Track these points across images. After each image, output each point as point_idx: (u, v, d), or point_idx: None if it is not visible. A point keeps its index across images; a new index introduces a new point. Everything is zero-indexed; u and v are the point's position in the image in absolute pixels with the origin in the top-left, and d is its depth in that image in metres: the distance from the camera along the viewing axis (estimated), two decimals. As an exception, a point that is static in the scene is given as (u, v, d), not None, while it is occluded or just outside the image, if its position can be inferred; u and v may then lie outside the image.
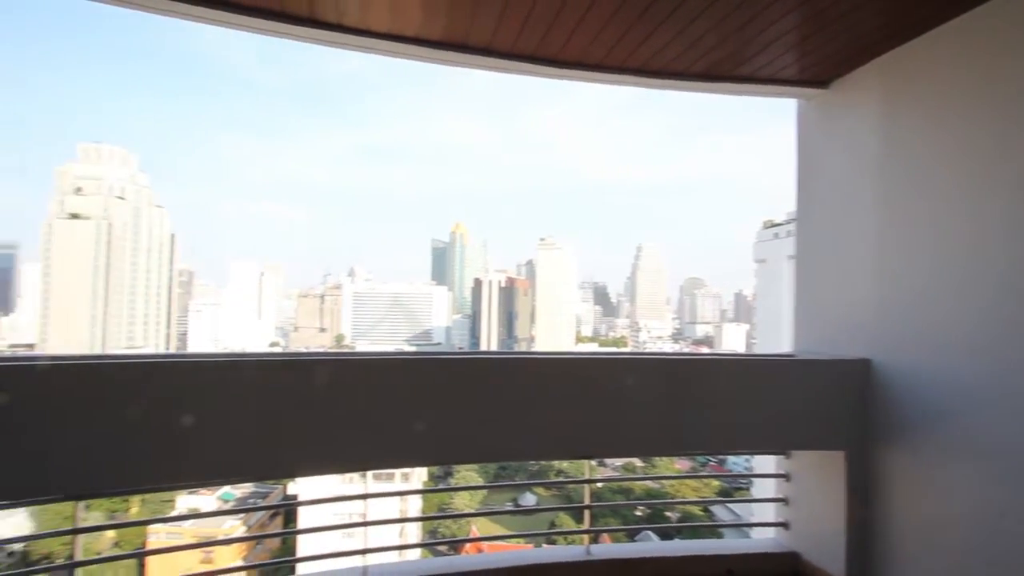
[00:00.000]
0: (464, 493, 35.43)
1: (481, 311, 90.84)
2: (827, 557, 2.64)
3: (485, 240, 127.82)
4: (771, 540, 2.95)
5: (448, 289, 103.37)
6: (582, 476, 2.76)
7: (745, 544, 3.17)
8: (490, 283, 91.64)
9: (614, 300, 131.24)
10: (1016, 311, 1.97)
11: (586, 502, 2.72)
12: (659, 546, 3.02)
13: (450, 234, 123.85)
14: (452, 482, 35.04)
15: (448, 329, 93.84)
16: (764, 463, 3.74)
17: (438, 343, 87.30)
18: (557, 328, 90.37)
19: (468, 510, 32.94)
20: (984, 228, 2.11)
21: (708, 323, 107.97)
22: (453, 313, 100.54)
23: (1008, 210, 2.02)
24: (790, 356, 2.92)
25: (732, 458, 31.77)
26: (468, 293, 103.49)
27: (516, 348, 78.58)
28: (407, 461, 3.13)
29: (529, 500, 38.10)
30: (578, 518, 2.82)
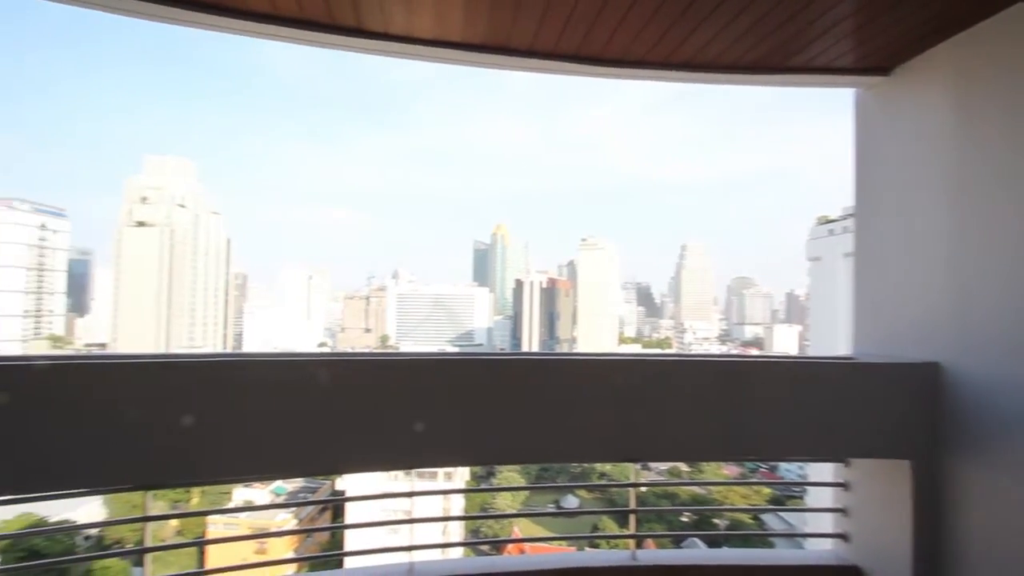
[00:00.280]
0: (506, 494, 35.56)
1: (522, 312, 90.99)
2: (891, 572, 2.49)
3: (526, 241, 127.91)
4: (830, 552, 2.81)
5: (489, 290, 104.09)
6: (626, 480, 2.71)
7: (801, 555, 3.03)
8: (531, 284, 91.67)
9: (658, 301, 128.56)
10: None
11: (631, 506, 2.68)
12: (708, 554, 2.92)
13: (491, 235, 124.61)
14: (494, 482, 35.22)
15: (490, 330, 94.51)
16: (820, 471, 3.56)
17: (480, 344, 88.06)
18: (599, 329, 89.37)
19: (510, 510, 33.05)
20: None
21: (757, 324, 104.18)
22: (494, 314, 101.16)
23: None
24: (849, 359, 2.78)
25: (784, 465, 30.50)
26: (509, 294, 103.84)
27: (558, 349, 78.23)
28: (450, 460, 3.17)
29: (571, 502, 37.84)
30: (622, 522, 2.79)
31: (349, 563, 2.88)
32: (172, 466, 2.07)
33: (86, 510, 26.71)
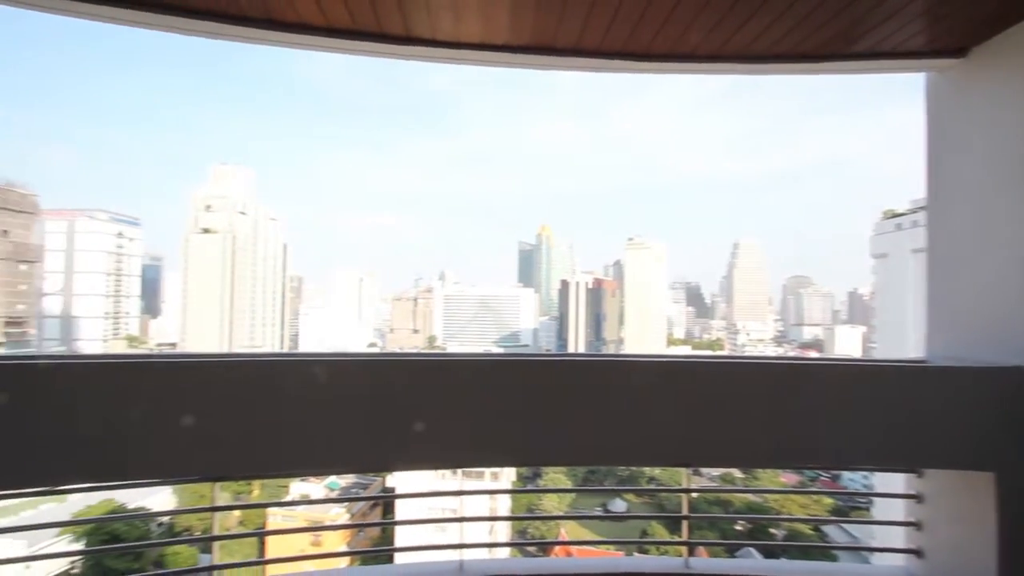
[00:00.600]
0: (552, 495, 35.41)
1: (568, 313, 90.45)
2: (972, 592, 2.31)
3: (572, 241, 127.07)
4: (900, 569, 2.63)
5: (535, 291, 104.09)
6: (677, 485, 2.64)
7: (868, 571, 2.86)
8: (577, 285, 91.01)
9: (708, 301, 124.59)
10: None
11: (684, 512, 2.61)
12: (765, 564, 2.80)
13: (536, 236, 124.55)
14: (541, 483, 35.16)
15: (535, 331, 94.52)
16: (888, 481, 3.35)
17: (525, 345, 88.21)
18: (647, 330, 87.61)
19: (557, 512, 32.89)
20: None
21: (817, 325, 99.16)
22: (540, 315, 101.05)
23: None
24: (922, 362, 2.60)
25: (848, 474, 28.84)
26: (555, 295, 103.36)
27: (604, 350, 77.25)
28: (496, 461, 3.19)
29: (619, 506, 37.27)
30: (672, 528, 2.73)
31: (399, 558, 2.94)
32: (237, 459, 2.18)
33: (158, 499, 28.63)
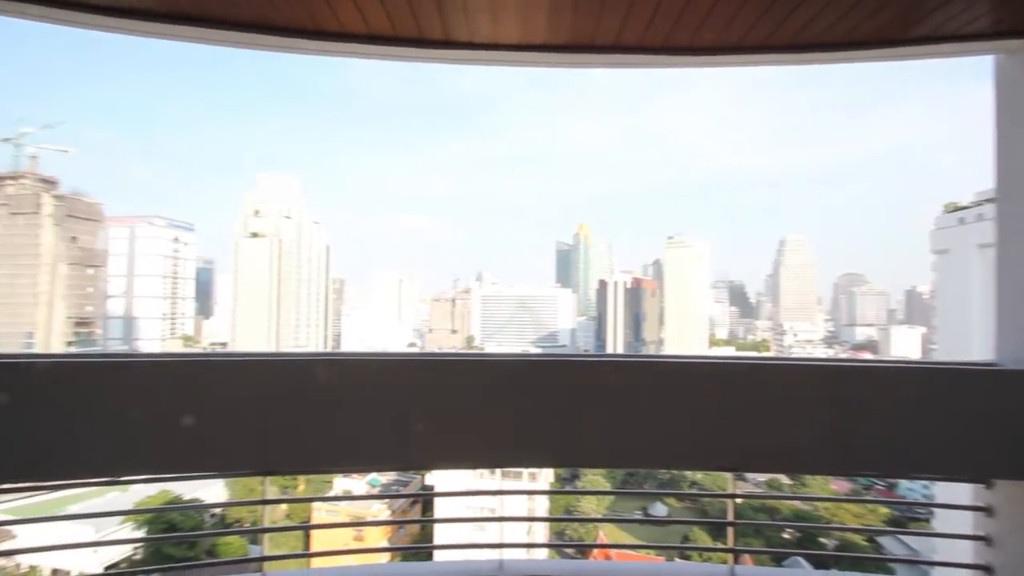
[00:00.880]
0: (591, 497, 35.06)
1: (606, 313, 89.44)
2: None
3: (610, 241, 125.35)
4: None
5: (572, 291, 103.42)
6: (721, 490, 2.57)
7: (932, 586, 2.70)
8: (615, 284, 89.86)
9: (753, 300, 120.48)
10: None
11: (729, 518, 2.53)
12: (816, 575, 2.68)
13: (573, 236, 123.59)
14: (579, 485, 34.88)
15: (573, 331, 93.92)
16: (951, 491, 3.15)
17: (563, 345, 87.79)
18: (688, 330, 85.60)
19: (595, 514, 32.54)
20: None
21: (871, 325, 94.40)
22: (578, 315, 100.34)
23: None
24: (991, 365, 2.43)
25: (906, 483, 27.30)
26: (593, 295, 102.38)
27: (644, 351, 75.94)
28: (534, 461, 3.18)
29: (660, 510, 36.54)
30: (716, 534, 2.66)
31: (439, 556, 2.97)
32: (286, 455, 2.26)
33: (212, 492, 30.03)
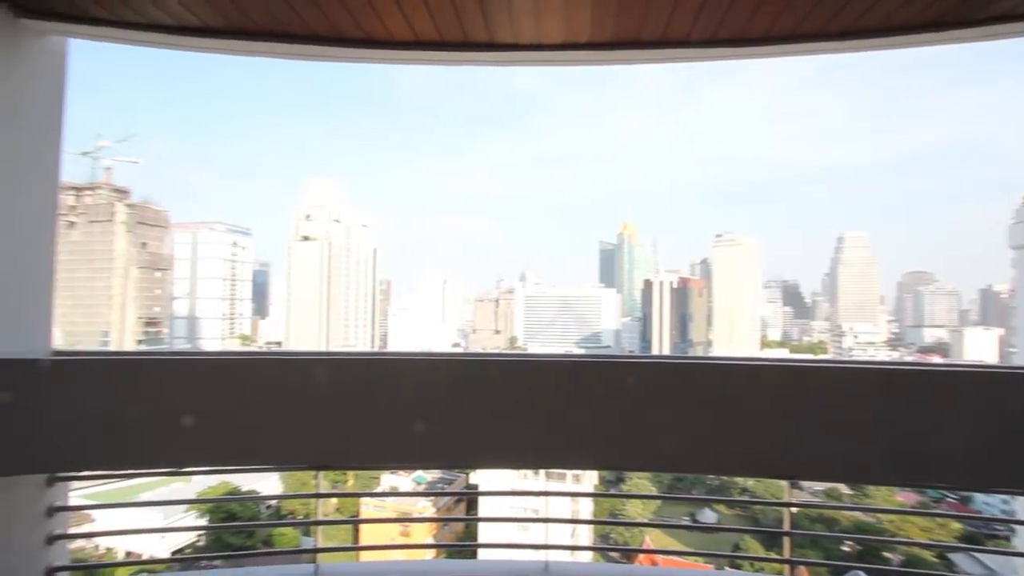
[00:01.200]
0: (636, 501, 34.43)
1: (652, 313, 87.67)
2: None
3: (655, 240, 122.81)
4: None
5: (617, 291, 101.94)
6: (775, 498, 2.47)
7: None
8: (661, 284, 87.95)
9: (808, 300, 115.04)
10: None
11: (785, 527, 2.43)
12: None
13: (618, 235, 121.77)
14: (624, 488, 34.34)
15: (617, 332, 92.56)
16: (1036, 508, 2.91)
17: (607, 346, 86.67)
18: (738, 331, 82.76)
19: (641, 519, 31.94)
20: None
21: (940, 327, 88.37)
22: (622, 316, 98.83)
23: None
24: None
25: (982, 497, 25.34)
26: (638, 295, 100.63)
27: (691, 353, 73.91)
28: (578, 463, 3.16)
29: (709, 517, 35.45)
30: (769, 543, 2.54)
31: (483, 555, 2.99)
32: (338, 451, 2.35)
33: (267, 484, 31.44)
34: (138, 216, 59.89)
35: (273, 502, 32.43)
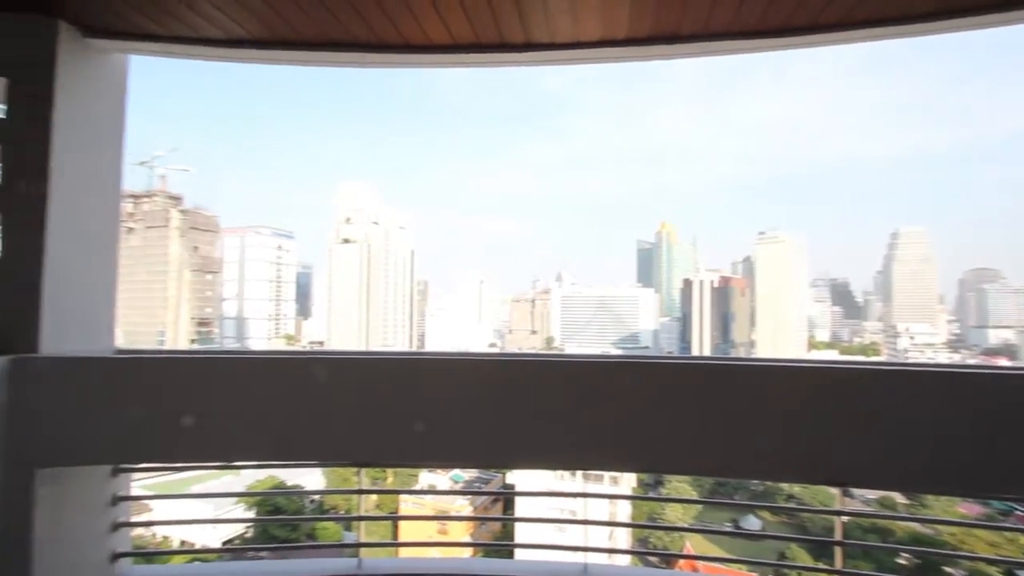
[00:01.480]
0: (676, 505, 33.74)
1: (692, 313, 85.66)
2: None
3: (694, 238, 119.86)
4: None
5: (655, 291, 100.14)
6: (824, 505, 2.36)
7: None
8: (701, 283, 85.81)
9: (860, 299, 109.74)
10: None
11: (837, 537, 2.32)
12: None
13: (655, 234, 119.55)
14: (663, 492, 33.70)
15: (655, 332, 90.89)
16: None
17: (646, 347, 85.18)
18: (783, 332, 79.87)
19: (681, 523, 31.25)
20: None
21: (1007, 327, 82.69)
22: (660, 316, 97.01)
23: None
24: None
25: (1055, 510, 23.56)
26: (676, 295, 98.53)
27: (733, 354, 71.82)
28: (616, 465, 3.12)
29: (753, 523, 34.40)
30: (818, 553, 2.43)
31: (519, 555, 2.99)
32: (379, 449, 2.39)
33: (311, 480, 32.46)
34: (190, 221, 63.05)
35: (317, 497, 33.46)
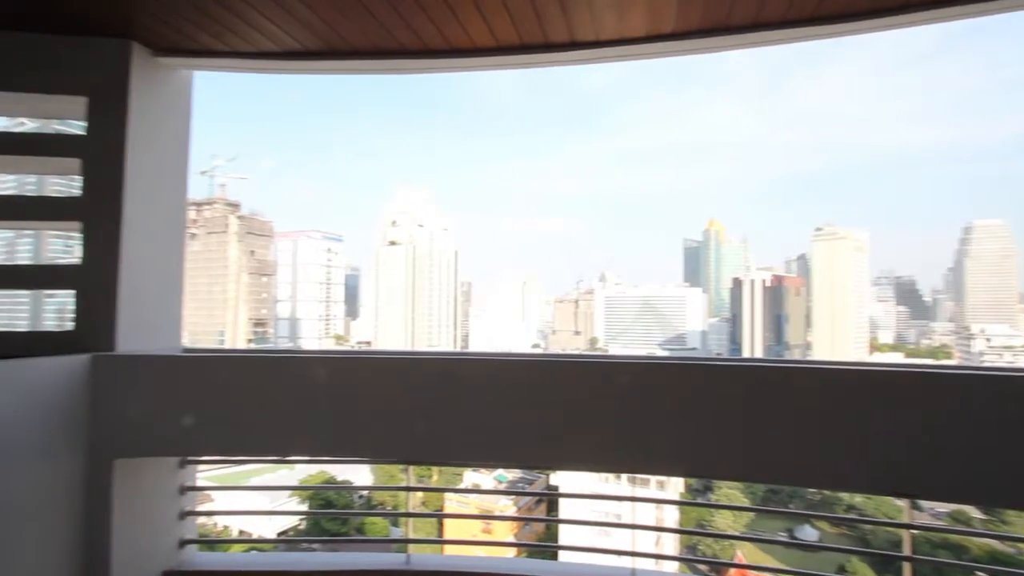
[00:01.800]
0: (727, 513, 32.64)
1: (742, 314, 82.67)
2: None
3: (745, 236, 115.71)
4: None
5: (703, 291, 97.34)
6: (887, 516, 2.22)
7: None
8: (752, 283, 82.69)
9: (928, 299, 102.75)
10: None
11: (905, 552, 2.18)
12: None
13: (703, 232, 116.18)
14: (712, 498, 32.70)
15: (704, 333, 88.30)
16: None
17: (693, 348, 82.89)
18: (842, 333, 75.86)
19: (732, 531, 30.23)
20: None
21: (1099, 329, 75.36)
22: (709, 316, 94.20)
23: None
24: None
25: None
26: (726, 295, 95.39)
27: (787, 355, 68.87)
28: (662, 469, 3.04)
29: (809, 534, 32.86)
30: (881, 567, 2.27)
31: (564, 557, 2.96)
32: (426, 447, 2.43)
33: (361, 476, 33.45)
34: (247, 227, 66.38)
35: (365, 492, 34.43)
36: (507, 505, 29.01)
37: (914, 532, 2.22)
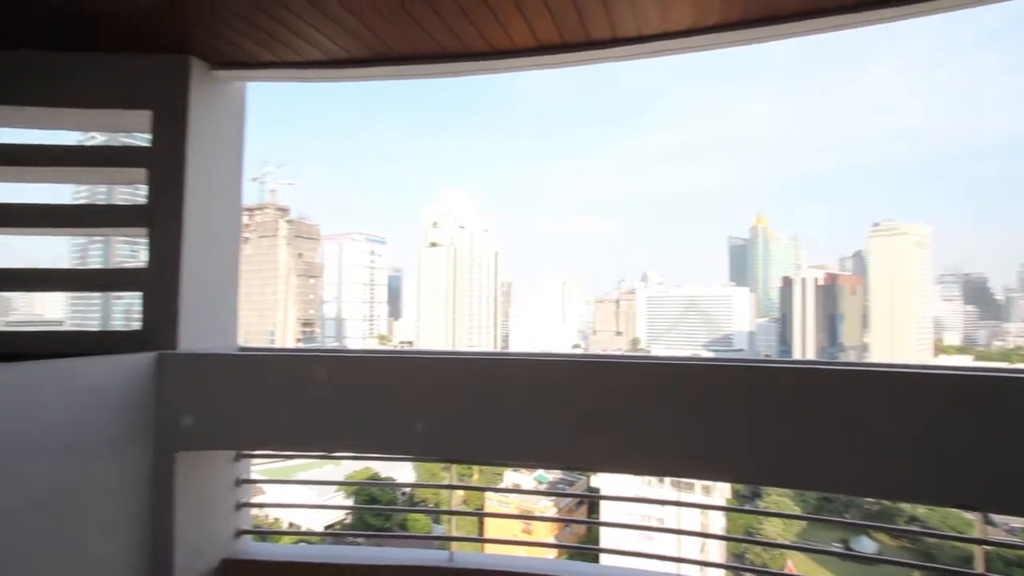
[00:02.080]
0: (777, 521, 31.42)
1: (792, 314, 79.34)
2: None
3: (795, 233, 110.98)
4: None
5: (750, 290, 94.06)
6: (955, 530, 2.08)
7: None
8: (803, 281, 79.22)
9: (1000, 297, 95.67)
10: None
11: (978, 569, 2.04)
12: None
13: (750, 229, 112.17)
14: (761, 505, 31.55)
15: (751, 334, 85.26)
16: None
17: (740, 349, 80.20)
18: (902, 334, 71.63)
19: (782, 540, 29.06)
20: None
21: None
22: (756, 317, 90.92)
23: None
24: None
25: None
26: (774, 294, 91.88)
27: (842, 358, 65.59)
28: (708, 474, 2.95)
29: (866, 546, 31.20)
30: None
31: (605, 560, 2.92)
32: (468, 446, 2.46)
33: (403, 473, 34.11)
34: (296, 231, 69.01)
35: (407, 489, 35.11)
36: (547, 506, 28.91)
37: (987, 548, 2.07)
